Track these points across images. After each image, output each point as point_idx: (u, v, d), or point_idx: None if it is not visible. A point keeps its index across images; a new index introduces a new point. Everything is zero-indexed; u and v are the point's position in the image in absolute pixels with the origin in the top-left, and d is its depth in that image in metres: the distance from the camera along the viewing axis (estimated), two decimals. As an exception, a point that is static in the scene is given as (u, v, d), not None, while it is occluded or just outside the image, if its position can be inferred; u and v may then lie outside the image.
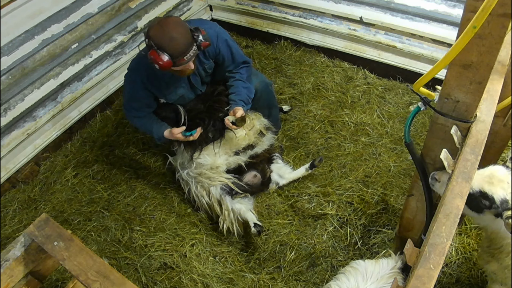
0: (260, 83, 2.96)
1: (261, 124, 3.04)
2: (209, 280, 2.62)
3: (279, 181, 3.04)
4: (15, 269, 1.56)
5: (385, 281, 1.74)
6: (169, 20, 2.28)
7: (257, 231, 2.56)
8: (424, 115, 3.35)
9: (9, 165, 3.30)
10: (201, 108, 2.87)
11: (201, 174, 2.83)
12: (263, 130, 3.04)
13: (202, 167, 2.84)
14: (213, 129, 2.83)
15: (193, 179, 2.88)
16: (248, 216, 2.69)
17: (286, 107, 3.56)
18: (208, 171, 2.81)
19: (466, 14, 1.18)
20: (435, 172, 1.59)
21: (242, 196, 2.82)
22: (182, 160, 2.95)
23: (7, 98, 3.10)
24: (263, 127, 3.05)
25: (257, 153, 2.98)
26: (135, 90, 2.66)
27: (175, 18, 2.33)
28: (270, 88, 3.07)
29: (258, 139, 3.00)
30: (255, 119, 3.02)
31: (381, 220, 2.77)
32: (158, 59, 2.21)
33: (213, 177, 2.79)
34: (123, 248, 2.85)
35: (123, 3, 3.65)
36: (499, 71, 1.59)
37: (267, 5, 4.13)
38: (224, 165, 2.85)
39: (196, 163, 2.85)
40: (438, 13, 3.21)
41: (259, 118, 3.05)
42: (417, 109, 1.57)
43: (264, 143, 3.05)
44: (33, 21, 3.07)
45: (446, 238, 1.17)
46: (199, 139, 2.75)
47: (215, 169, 2.82)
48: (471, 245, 2.57)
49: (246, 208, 2.74)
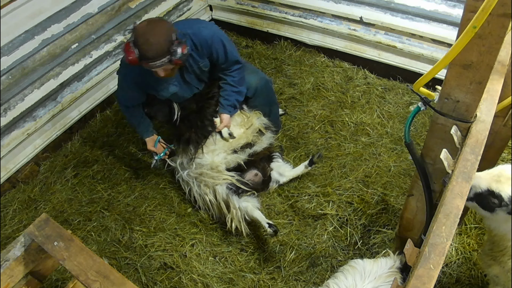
0: (260, 80, 2.97)
1: (260, 122, 3.04)
2: (209, 280, 2.62)
3: (279, 179, 3.04)
4: (15, 269, 1.56)
5: (383, 280, 1.74)
6: (157, 24, 2.29)
7: (273, 231, 2.54)
8: (424, 115, 3.35)
9: (9, 165, 3.30)
10: (194, 108, 2.89)
11: (203, 174, 2.83)
12: (262, 129, 3.04)
13: (202, 167, 2.84)
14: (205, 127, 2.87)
15: (194, 180, 2.88)
16: (256, 215, 2.69)
17: (280, 110, 3.51)
18: (210, 171, 2.81)
19: (466, 14, 1.17)
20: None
21: (248, 194, 2.82)
22: (181, 160, 2.95)
23: (7, 98, 3.10)
24: (262, 126, 3.05)
25: (256, 152, 2.97)
26: (126, 83, 2.71)
27: (165, 24, 2.33)
28: (270, 85, 3.08)
29: (257, 138, 3.00)
30: (253, 117, 3.02)
31: (381, 220, 2.77)
32: (128, 52, 2.25)
33: (217, 176, 2.79)
34: (123, 248, 2.85)
35: (123, 3, 3.65)
36: (499, 71, 1.58)
37: (267, 5, 4.14)
38: (223, 164, 2.84)
39: (195, 163, 2.85)
40: (438, 13, 3.21)
41: (259, 117, 3.05)
42: (417, 109, 1.56)
43: (263, 142, 3.04)
44: (33, 21, 3.07)
45: (446, 238, 1.17)
46: (194, 139, 2.84)
47: (215, 168, 2.82)
48: (471, 245, 2.57)
49: (253, 206, 2.74)
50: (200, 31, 2.56)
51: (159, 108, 2.88)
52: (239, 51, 4.33)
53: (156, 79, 2.60)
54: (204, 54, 2.64)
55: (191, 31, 2.54)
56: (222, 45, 2.64)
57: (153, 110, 2.89)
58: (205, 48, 2.59)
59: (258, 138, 3.00)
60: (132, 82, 2.67)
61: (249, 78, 2.97)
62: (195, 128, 2.87)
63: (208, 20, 4.64)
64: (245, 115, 3.02)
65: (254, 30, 4.37)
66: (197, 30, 2.56)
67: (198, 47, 2.57)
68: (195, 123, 2.87)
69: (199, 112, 2.88)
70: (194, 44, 2.55)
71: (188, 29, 2.52)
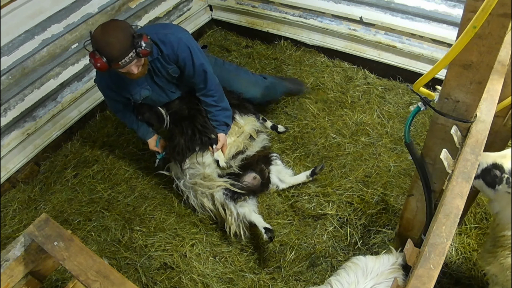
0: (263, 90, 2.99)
1: (251, 128, 3.02)
2: (209, 280, 2.62)
3: (279, 185, 3.03)
4: (15, 269, 1.56)
5: (385, 277, 1.73)
6: (110, 24, 2.27)
7: (269, 237, 2.53)
8: (424, 115, 3.35)
9: (9, 165, 3.30)
10: (185, 114, 2.87)
11: (197, 184, 2.83)
12: (253, 134, 3.03)
13: (195, 177, 2.84)
14: (199, 142, 2.84)
15: (190, 189, 2.90)
16: (254, 219, 2.68)
17: (281, 127, 3.40)
18: (203, 181, 2.81)
19: (466, 14, 1.18)
20: None
21: (243, 199, 2.81)
22: (176, 170, 2.97)
23: (7, 98, 3.10)
24: (254, 131, 3.03)
25: (249, 156, 2.96)
26: (103, 90, 2.76)
27: (119, 22, 2.31)
28: (274, 86, 3.08)
29: (248, 144, 2.98)
30: (245, 126, 3.00)
31: (381, 220, 2.77)
32: (95, 60, 2.24)
33: (210, 185, 2.79)
34: (123, 248, 2.85)
35: (123, 3, 3.65)
36: (499, 71, 1.59)
37: (267, 5, 4.14)
38: (214, 173, 2.83)
39: (189, 174, 2.86)
40: (438, 13, 3.21)
41: (251, 122, 3.04)
42: (417, 109, 1.57)
43: (255, 146, 3.02)
44: (33, 21, 3.07)
45: (446, 238, 1.17)
46: (182, 147, 2.83)
47: (207, 177, 2.81)
48: (471, 245, 2.57)
49: (249, 211, 2.74)
50: (166, 37, 2.50)
51: (150, 115, 2.88)
52: (239, 51, 4.34)
53: (127, 83, 2.60)
54: (171, 60, 2.59)
55: (157, 37, 2.48)
56: (189, 51, 2.55)
57: (145, 118, 2.89)
58: (171, 54, 2.54)
59: (249, 144, 2.99)
60: (108, 88, 2.69)
61: (253, 92, 2.97)
62: (186, 135, 2.86)
63: (208, 20, 4.64)
64: (236, 125, 3.00)
65: (254, 30, 4.37)
66: (163, 36, 2.50)
67: (164, 52, 2.52)
68: (186, 131, 2.85)
69: (190, 119, 2.86)
70: (160, 49, 2.51)
71: (153, 35, 2.46)
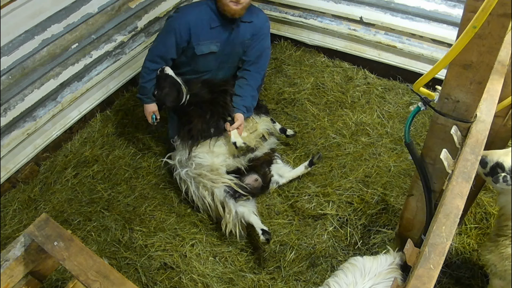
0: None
1: (264, 128, 3.03)
2: (209, 280, 2.62)
3: (279, 180, 3.03)
4: (15, 269, 1.56)
5: (383, 277, 1.74)
6: None
7: (266, 239, 2.52)
8: (424, 115, 3.35)
9: (9, 165, 3.30)
10: (205, 97, 2.90)
11: (201, 175, 2.81)
12: (266, 135, 3.04)
13: (201, 168, 2.82)
14: (215, 125, 2.86)
15: (192, 179, 2.87)
16: (252, 220, 2.67)
17: (290, 131, 3.27)
18: (209, 173, 2.79)
19: (466, 14, 1.18)
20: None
21: (244, 199, 2.81)
22: (180, 158, 2.93)
23: (7, 98, 3.09)
24: (266, 131, 3.04)
25: (257, 156, 2.97)
26: (178, 23, 2.80)
27: None
28: None
29: (259, 143, 2.99)
30: (258, 124, 3.01)
31: (381, 220, 2.77)
32: None
33: (215, 179, 2.78)
34: (123, 248, 2.85)
35: (123, 3, 3.64)
36: (499, 71, 1.59)
37: (267, 5, 4.13)
38: (223, 167, 2.83)
39: (195, 163, 2.84)
40: (438, 13, 3.21)
41: (265, 123, 3.04)
42: (417, 109, 1.57)
43: (265, 147, 3.04)
44: (33, 21, 3.07)
45: (446, 238, 1.18)
46: (198, 130, 2.85)
47: (215, 170, 2.81)
48: (471, 245, 2.57)
49: (249, 211, 2.73)
50: (260, 12, 2.93)
51: (168, 92, 2.87)
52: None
53: (206, 31, 2.78)
54: (255, 30, 2.88)
55: (252, 8, 2.85)
56: (269, 33, 2.98)
57: (162, 93, 2.87)
58: (259, 24, 2.88)
59: (260, 143, 2.99)
60: (185, 24, 2.77)
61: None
62: (203, 118, 2.86)
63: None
64: (252, 121, 3.01)
65: (254, 30, 4.37)
66: (257, 9, 2.93)
67: (254, 22, 2.86)
68: (204, 114, 2.86)
69: (212, 104, 2.87)
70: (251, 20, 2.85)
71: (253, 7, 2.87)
